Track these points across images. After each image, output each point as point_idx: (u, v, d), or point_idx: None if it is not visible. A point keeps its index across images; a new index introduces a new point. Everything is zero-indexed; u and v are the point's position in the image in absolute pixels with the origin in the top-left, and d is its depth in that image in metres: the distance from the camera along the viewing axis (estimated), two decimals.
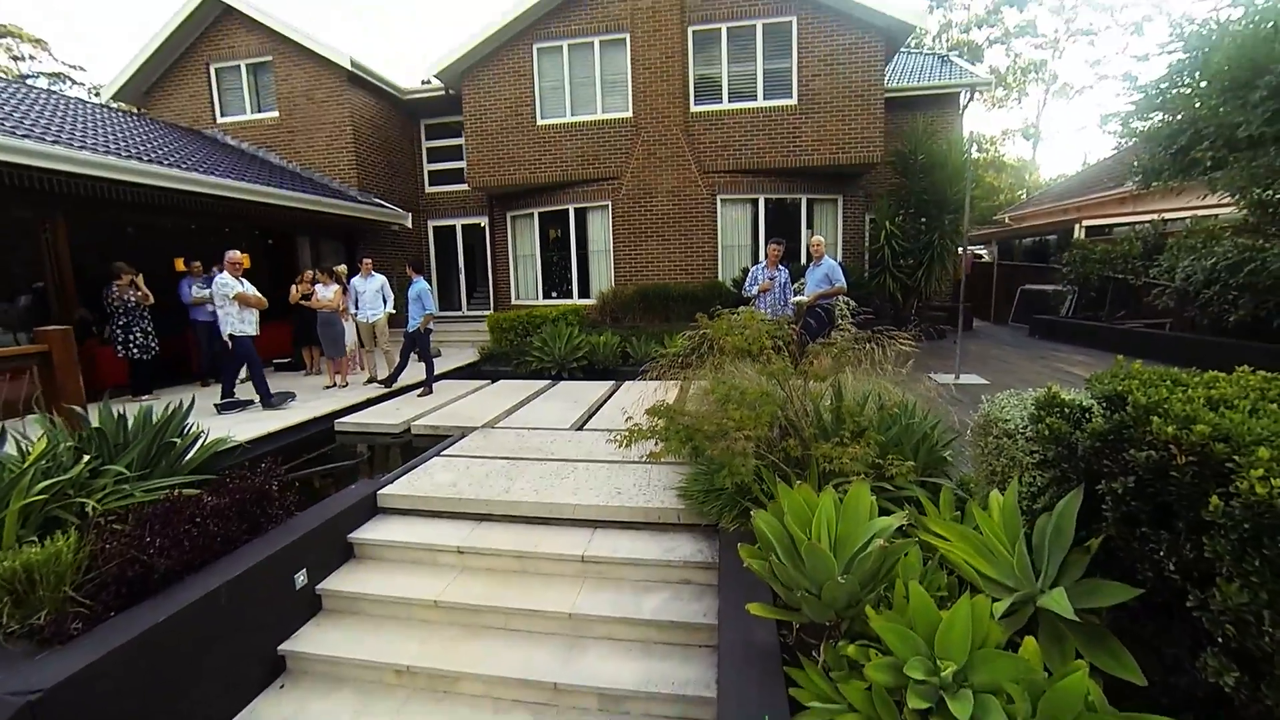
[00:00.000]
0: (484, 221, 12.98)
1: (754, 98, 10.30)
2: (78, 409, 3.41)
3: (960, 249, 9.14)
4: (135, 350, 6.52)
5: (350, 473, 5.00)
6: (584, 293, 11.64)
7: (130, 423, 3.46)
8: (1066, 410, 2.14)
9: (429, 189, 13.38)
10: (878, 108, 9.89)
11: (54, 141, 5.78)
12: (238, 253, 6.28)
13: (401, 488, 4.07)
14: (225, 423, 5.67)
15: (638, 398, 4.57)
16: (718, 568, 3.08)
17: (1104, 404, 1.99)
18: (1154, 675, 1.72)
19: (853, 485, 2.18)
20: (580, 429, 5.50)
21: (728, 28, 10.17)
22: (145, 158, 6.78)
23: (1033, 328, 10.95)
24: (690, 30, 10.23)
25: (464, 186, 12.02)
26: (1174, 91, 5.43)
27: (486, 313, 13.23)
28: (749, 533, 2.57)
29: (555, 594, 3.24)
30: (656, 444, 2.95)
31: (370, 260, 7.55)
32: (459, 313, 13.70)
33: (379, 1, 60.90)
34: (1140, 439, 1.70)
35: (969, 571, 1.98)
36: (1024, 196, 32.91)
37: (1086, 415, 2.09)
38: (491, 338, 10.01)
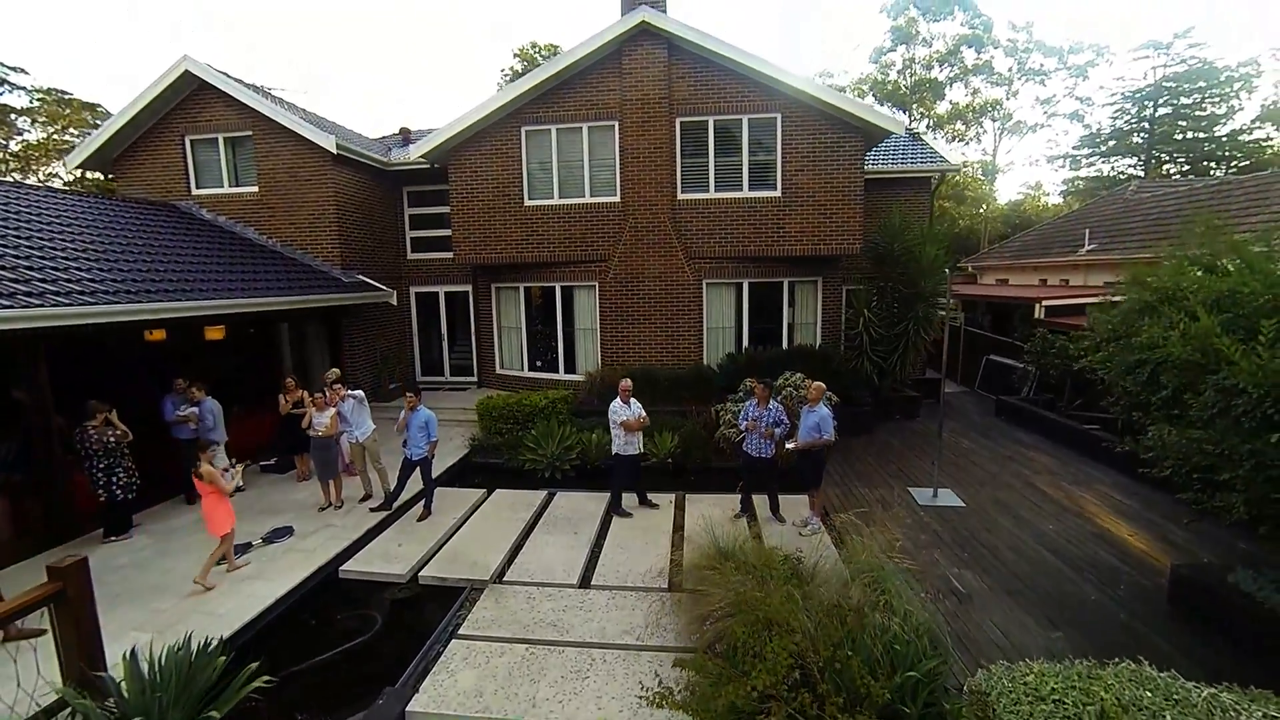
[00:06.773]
0: (468, 289, 12.92)
1: (740, 188, 10.59)
2: (101, 675, 3.38)
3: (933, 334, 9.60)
4: (118, 491, 6.29)
5: (364, 650, 5.02)
6: (570, 368, 11.75)
7: (156, 670, 3.46)
8: None
9: (411, 255, 13.21)
10: (857, 202, 10.31)
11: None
12: (629, 380, 7.34)
13: (428, 701, 4.15)
14: (224, 577, 5.63)
15: (634, 542, 4.72)
16: None
17: None
18: None
19: None
20: (587, 586, 5.65)
21: (715, 121, 10.42)
22: (108, 290, 6.53)
23: (998, 408, 11.57)
24: (678, 121, 10.45)
25: (448, 254, 11.94)
26: None
27: (469, 380, 13.21)
28: None
29: None
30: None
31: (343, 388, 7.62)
32: (442, 378, 13.59)
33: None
34: None
35: None
36: (983, 228, 34.45)
37: None
38: (480, 425, 10.03)
